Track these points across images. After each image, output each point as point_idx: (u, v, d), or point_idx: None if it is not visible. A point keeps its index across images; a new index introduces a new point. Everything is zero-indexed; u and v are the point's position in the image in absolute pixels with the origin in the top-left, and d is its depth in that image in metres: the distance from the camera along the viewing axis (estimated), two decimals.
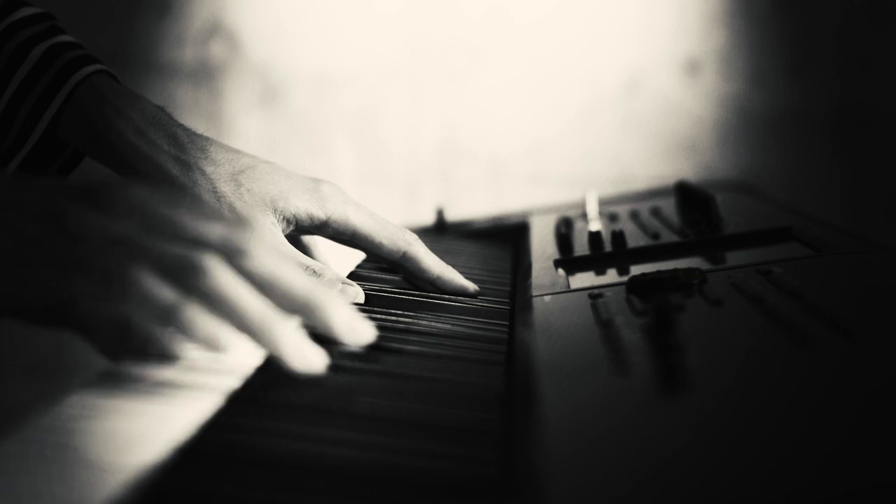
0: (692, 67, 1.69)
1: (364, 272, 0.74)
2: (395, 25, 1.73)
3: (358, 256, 0.79)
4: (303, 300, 0.45)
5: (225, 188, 0.64)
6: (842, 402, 0.36)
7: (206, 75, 1.75)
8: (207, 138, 0.67)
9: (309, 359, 0.44)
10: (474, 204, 1.59)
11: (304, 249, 0.72)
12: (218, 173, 0.65)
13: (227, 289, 0.43)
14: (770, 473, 0.30)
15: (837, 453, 0.31)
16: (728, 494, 0.30)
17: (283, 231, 0.66)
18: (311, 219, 0.66)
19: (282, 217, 0.65)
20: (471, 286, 0.68)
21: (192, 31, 1.75)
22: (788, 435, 0.33)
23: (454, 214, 1.01)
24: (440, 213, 0.98)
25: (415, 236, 0.69)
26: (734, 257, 0.67)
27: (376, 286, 0.68)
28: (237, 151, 0.67)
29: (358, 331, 0.47)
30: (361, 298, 0.63)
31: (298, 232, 0.68)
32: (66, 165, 0.69)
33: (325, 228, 0.68)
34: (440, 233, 0.95)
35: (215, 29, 1.75)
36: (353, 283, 0.64)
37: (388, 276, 0.72)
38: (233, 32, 1.75)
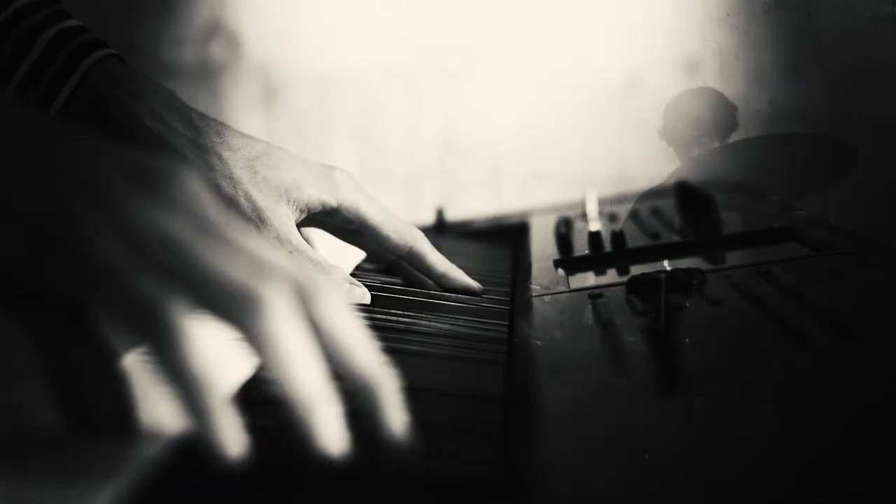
0: (692, 67, 1.69)
1: (362, 273, 0.74)
2: (395, 25, 1.73)
3: (354, 259, 0.79)
4: (360, 378, 0.36)
5: (241, 174, 0.63)
6: (842, 402, 0.36)
7: (206, 75, 1.75)
8: (222, 123, 0.66)
9: (336, 446, 0.34)
10: (474, 204, 1.59)
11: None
12: (234, 158, 0.64)
13: (282, 341, 0.34)
14: (770, 473, 0.30)
15: (837, 453, 0.31)
16: (728, 494, 0.30)
17: (296, 220, 0.65)
18: (323, 206, 0.66)
19: (295, 206, 0.65)
20: (474, 284, 0.68)
21: (193, 31, 1.75)
22: (788, 435, 0.33)
23: (454, 214, 1.01)
24: (440, 213, 0.98)
25: (421, 233, 0.69)
26: (734, 257, 0.67)
27: (377, 284, 0.68)
28: (251, 137, 0.66)
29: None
30: (368, 299, 0.62)
31: (309, 220, 0.68)
32: None
33: (335, 216, 0.67)
34: (440, 232, 0.95)
35: (216, 29, 1.75)
36: (359, 283, 0.63)
37: (387, 278, 0.72)
38: (233, 32, 1.75)
